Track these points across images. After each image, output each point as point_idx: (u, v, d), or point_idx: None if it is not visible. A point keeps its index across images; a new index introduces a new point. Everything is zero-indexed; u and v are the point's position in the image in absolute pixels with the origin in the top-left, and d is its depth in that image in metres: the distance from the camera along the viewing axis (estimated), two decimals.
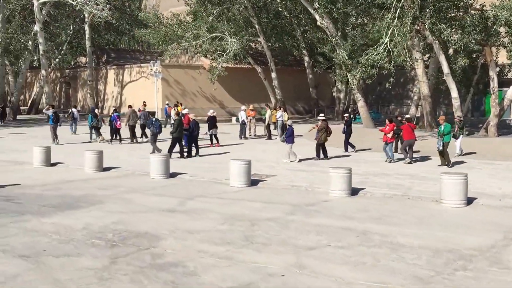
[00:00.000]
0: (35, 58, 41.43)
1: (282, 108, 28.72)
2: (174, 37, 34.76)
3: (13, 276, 6.53)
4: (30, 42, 37.54)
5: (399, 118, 20.30)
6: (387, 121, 18.02)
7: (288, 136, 17.79)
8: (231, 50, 33.24)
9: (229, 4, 35.31)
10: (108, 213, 9.93)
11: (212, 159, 18.06)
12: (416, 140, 17.55)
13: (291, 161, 17.22)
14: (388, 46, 26.29)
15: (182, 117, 18.95)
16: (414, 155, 17.60)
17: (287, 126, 18.84)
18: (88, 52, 41.95)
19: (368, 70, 27.00)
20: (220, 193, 12.24)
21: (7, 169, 15.55)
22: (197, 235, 8.45)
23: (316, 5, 32.03)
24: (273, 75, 36.99)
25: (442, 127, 16.40)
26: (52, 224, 9.04)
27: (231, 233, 8.60)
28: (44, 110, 31.70)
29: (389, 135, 17.25)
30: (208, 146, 21.47)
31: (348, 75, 32.69)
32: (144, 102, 32.24)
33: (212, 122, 22.61)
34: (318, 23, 33.25)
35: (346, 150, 20.19)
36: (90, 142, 22.76)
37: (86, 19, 40.07)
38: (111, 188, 12.67)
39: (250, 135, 26.79)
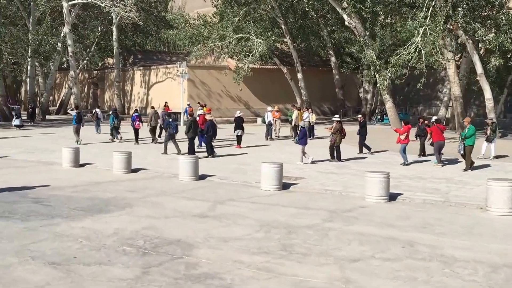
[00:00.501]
0: (64, 59, 41.68)
1: (309, 109, 28.16)
2: (200, 38, 34.46)
3: (43, 287, 6.14)
4: (59, 44, 37.71)
5: (421, 120, 19.57)
6: (402, 122, 17.40)
7: (301, 137, 17.33)
8: (257, 51, 32.76)
9: (256, 5, 34.86)
10: (138, 218, 9.53)
11: (240, 160, 17.63)
12: (445, 142, 16.84)
13: (304, 163, 16.76)
14: (420, 46, 25.48)
15: (197, 118, 18.80)
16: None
17: (300, 128, 18.26)
18: (115, 53, 41.99)
19: (398, 70, 26.24)
20: (251, 197, 11.75)
21: (37, 170, 15.36)
22: (232, 244, 7.96)
23: (345, 4, 31.32)
24: (299, 75, 36.40)
25: (466, 129, 15.69)
26: (82, 229, 8.67)
27: (267, 242, 8.09)
28: (68, 111, 32.02)
29: (402, 137, 16.49)
30: (228, 146, 21.10)
31: (377, 75, 31.92)
32: (166, 102, 32.20)
33: (238, 123, 22.21)
34: (346, 23, 32.54)
35: (361, 151, 19.69)
36: (112, 142, 22.75)
37: (113, 21, 40.09)
38: (140, 190, 12.30)
39: (276, 136, 26.33)
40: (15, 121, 29.66)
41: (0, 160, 17.37)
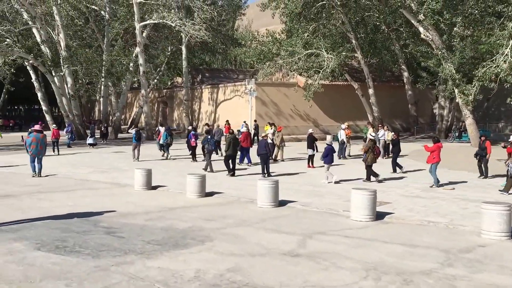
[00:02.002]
0: (135, 79, 41.91)
1: (385, 126, 26.19)
2: (269, 55, 33.31)
3: None
4: (131, 64, 37.87)
5: (482, 138, 17.44)
6: (432, 140, 16.05)
7: (326, 155, 16.08)
8: (328, 66, 31.13)
9: (325, 20, 33.35)
10: (220, 256, 8.12)
11: (313, 181, 16.18)
12: None
13: (328, 182, 15.85)
14: (510, 58, 22.95)
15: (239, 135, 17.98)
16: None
17: (326, 145, 16.80)
18: (184, 72, 41.73)
19: (486, 84, 23.77)
20: (343, 229, 10.09)
21: (109, 192, 14.45)
22: None
23: (421, 16, 29.18)
24: (371, 91, 34.38)
25: None
26: (158, 270, 7.35)
27: None
28: (129, 130, 32.21)
29: (433, 156, 15.16)
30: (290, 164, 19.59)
31: (456, 90, 29.39)
32: (227, 121, 31.40)
33: (311, 141, 20.73)
34: (422, 35, 30.33)
35: (394, 171, 18.20)
36: (166, 159, 22.80)
37: (183, 40, 39.88)
38: (218, 219, 10.95)
39: (349, 155, 24.57)
40: (89, 140, 29.63)
41: (74, 181, 16.72)
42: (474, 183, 16.13)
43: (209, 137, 18.83)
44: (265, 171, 17.32)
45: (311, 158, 20.40)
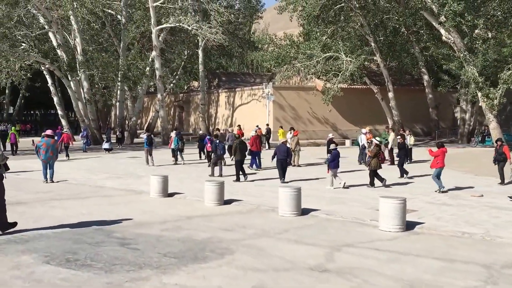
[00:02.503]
0: (152, 83, 41.61)
1: (407, 131, 25.40)
2: (287, 59, 32.69)
3: None
4: (147, 68, 37.58)
5: (499, 143, 16.81)
6: (436, 145, 15.66)
7: (332, 160, 15.63)
8: (347, 69, 30.40)
9: (344, 23, 32.66)
10: (242, 271, 7.49)
11: (336, 189, 15.45)
12: None
13: (334, 188, 15.50)
14: None
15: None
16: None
17: (332, 150, 16.32)
18: (200, 76, 41.31)
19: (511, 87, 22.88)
20: (372, 241, 9.40)
21: (124, 200, 13.94)
22: None
23: (442, 18, 28.35)
24: (390, 95, 33.54)
25: None
26: (176, 287, 6.76)
27: None
28: (141, 135, 32.00)
29: (437, 160, 14.77)
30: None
31: (479, 93, 28.47)
32: (239, 125, 31.04)
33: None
34: (444, 38, 29.49)
35: (402, 176, 17.82)
36: (176, 164, 22.49)
37: (199, 44, 39.50)
38: (237, 229, 10.33)
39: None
40: (105, 145, 29.29)
41: (88, 187, 16.27)
42: (503, 189, 15.36)
43: (217, 141, 18.72)
44: (283, 177, 16.82)
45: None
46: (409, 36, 34.32)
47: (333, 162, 15.79)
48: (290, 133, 24.92)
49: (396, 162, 21.53)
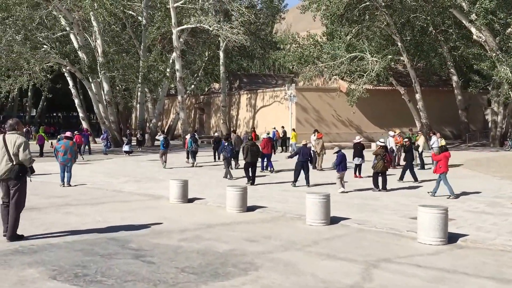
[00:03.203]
0: (172, 85, 41.13)
1: (437, 133, 24.27)
2: (310, 59, 31.76)
3: None
4: (168, 70, 37.09)
5: None
6: (439, 149, 15.03)
7: (338, 163, 15.21)
8: (373, 70, 29.33)
9: (369, 22, 31.59)
10: None
11: (363, 194, 14.61)
12: None
13: (341, 192, 14.83)
14: None
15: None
16: None
17: (337, 153, 15.62)
18: (221, 77, 40.65)
19: None
20: (412, 256, 8.44)
21: (143, 205, 13.22)
22: None
23: (473, 16, 27.10)
24: (418, 96, 32.33)
25: None
26: None
27: None
28: (157, 137, 31.81)
29: (440, 165, 14.04)
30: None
31: None
32: (253, 128, 30.44)
33: (358, 150, 19.15)
34: (474, 36, 28.25)
35: (401, 179, 17.38)
36: (191, 166, 22.24)
37: (220, 45, 38.84)
38: (262, 240, 9.48)
39: (398, 165, 22.79)
40: (125, 147, 28.80)
41: (106, 191, 15.64)
42: None
43: (225, 144, 18.65)
44: (296, 181, 16.26)
45: (358, 167, 18.91)
46: (437, 35, 33.07)
47: (340, 165, 15.18)
48: (314, 135, 24.02)
49: (428, 167, 20.60)
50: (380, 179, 15.36)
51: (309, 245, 9.15)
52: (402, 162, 22.95)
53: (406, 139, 19.72)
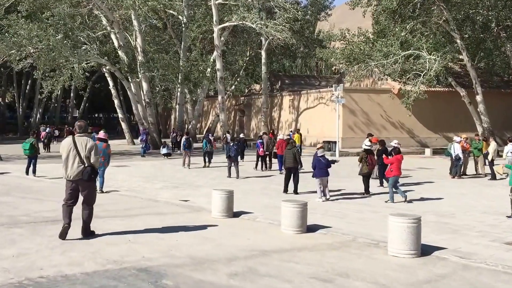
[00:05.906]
0: (211, 87, 39.17)
1: (491, 138, 21.25)
2: (360, 57, 28.97)
3: None
4: (208, 70, 35.10)
5: None
6: (393, 152, 14.05)
7: (313, 167, 13.36)
8: (431, 69, 26.29)
9: (425, 17, 28.57)
10: None
11: (437, 207, 11.96)
12: None
13: (320, 199, 13.27)
14: None
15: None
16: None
17: (331, 159, 14.12)
18: (263, 78, 38.35)
19: None
20: None
21: (180, 220, 10.92)
22: None
23: None
24: (479, 98, 29.07)
25: None
26: None
27: None
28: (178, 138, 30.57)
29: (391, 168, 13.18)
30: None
31: None
32: (272, 130, 28.19)
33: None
34: None
35: (381, 184, 15.86)
36: (204, 167, 21.61)
37: (262, 44, 36.56)
38: (338, 280, 6.93)
39: (464, 174, 19.98)
40: (163, 150, 26.86)
41: (140, 201, 13.50)
42: None
43: (231, 144, 18.69)
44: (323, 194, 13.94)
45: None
46: (498, 32, 29.71)
47: (316, 170, 13.02)
48: (368, 139, 21.28)
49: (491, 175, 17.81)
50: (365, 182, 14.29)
51: None
52: (471, 171, 20.14)
53: (377, 144, 16.94)
